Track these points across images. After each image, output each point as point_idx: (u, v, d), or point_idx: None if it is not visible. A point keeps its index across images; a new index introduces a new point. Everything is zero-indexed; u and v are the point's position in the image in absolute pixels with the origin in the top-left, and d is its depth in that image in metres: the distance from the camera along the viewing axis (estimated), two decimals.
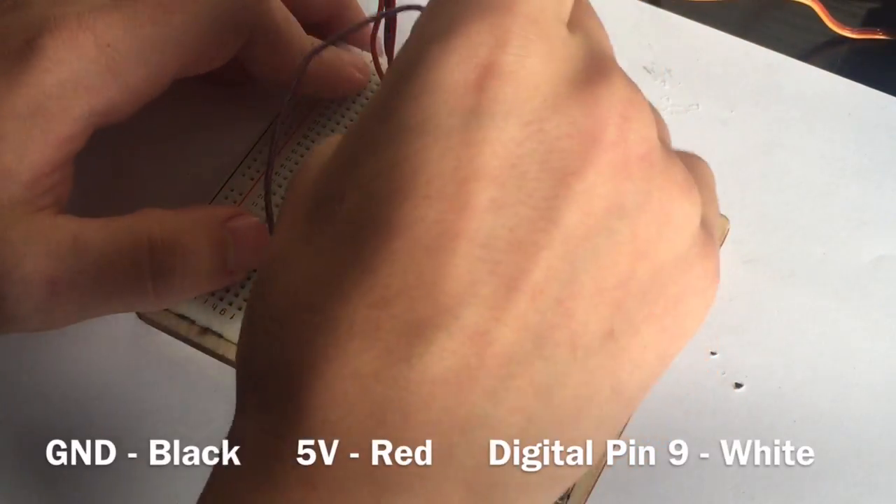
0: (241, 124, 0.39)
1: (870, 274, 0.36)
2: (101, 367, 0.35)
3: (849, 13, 0.42)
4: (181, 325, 0.35)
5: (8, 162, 0.30)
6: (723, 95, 0.40)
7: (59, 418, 0.34)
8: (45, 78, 0.31)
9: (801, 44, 0.42)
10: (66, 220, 0.31)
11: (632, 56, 0.41)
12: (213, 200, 0.36)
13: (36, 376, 0.35)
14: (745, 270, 0.36)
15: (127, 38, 0.31)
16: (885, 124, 0.39)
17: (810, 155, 0.38)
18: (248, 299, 0.25)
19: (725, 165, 0.38)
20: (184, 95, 0.38)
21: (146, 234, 0.31)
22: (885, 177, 0.38)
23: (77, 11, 0.31)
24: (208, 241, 0.32)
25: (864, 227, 0.37)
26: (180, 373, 0.35)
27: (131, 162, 0.38)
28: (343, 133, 0.24)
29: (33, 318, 0.31)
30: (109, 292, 0.31)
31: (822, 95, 0.40)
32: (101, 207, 0.33)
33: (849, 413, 0.34)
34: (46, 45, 0.31)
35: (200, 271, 0.32)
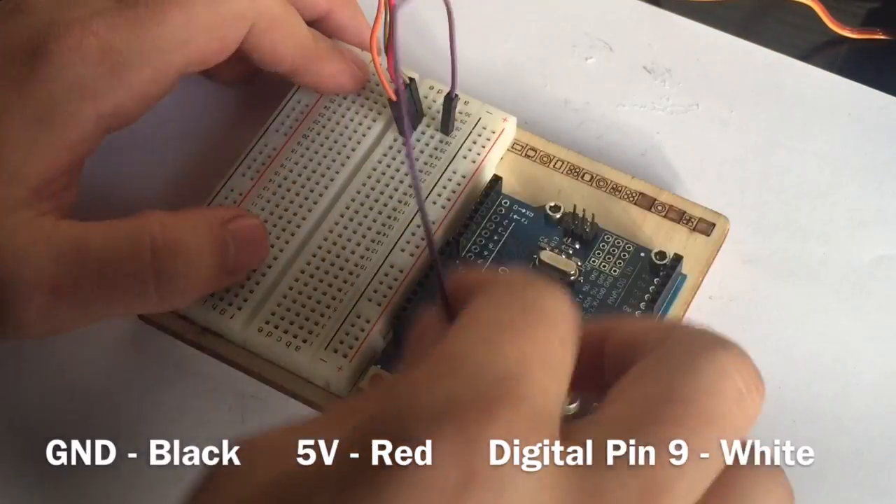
0: (241, 124, 0.39)
1: (870, 274, 0.36)
2: (101, 367, 0.35)
3: (849, 13, 0.42)
4: (181, 325, 0.35)
5: (14, 166, 0.30)
6: (723, 95, 0.40)
7: (59, 418, 0.34)
8: (52, 84, 0.31)
9: (801, 44, 0.42)
10: (68, 225, 0.31)
11: (632, 56, 0.41)
12: (213, 200, 0.36)
13: (36, 376, 0.35)
14: (745, 270, 0.36)
15: (130, 41, 0.31)
16: (885, 124, 0.39)
17: (810, 155, 0.38)
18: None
19: (725, 165, 0.38)
20: (184, 95, 0.38)
21: (148, 236, 0.31)
22: (885, 177, 0.38)
23: (81, 16, 0.31)
24: (210, 242, 0.32)
25: (864, 227, 0.37)
26: (180, 373, 0.35)
27: (131, 162, 0.38)
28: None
29: (35, 323, 0.31)
30: (112, 296, 0.31)
31: (822, 95, 0.40)
32: (101, 208, 0.33)
33: (849, 413, 0.34)
34: (52, 51, 0.31)
35: (202, 273, 0.32)
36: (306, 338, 0.33)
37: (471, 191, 0.36)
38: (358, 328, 0.34)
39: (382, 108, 0.37)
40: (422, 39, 0.40)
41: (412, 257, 0.35)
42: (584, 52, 0.41)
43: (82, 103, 0.31)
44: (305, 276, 0.34)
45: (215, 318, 0.34)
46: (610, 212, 0.36)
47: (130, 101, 0.32)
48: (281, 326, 0.34)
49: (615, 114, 0.39)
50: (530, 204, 0.36)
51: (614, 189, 0.36)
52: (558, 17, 0.42)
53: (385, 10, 0.33)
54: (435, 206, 0.35)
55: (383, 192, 0.36)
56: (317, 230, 0.35)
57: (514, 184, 0.37)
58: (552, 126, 0.39)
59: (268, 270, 0.34)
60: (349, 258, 0.35)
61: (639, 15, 0.42)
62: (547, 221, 0.36)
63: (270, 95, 0.38)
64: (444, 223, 0.35)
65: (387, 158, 0.36)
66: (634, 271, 0.35)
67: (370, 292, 0.34)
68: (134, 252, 0.31)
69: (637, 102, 0.40)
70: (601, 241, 0.35)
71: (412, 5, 0.33)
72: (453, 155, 0.36)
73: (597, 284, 0.35)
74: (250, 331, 0.34)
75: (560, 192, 0.36)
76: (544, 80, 0.40)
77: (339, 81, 0.37)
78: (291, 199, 0.36)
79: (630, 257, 0.35)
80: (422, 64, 0.38)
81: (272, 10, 0.34)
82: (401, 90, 0.27)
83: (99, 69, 0.31)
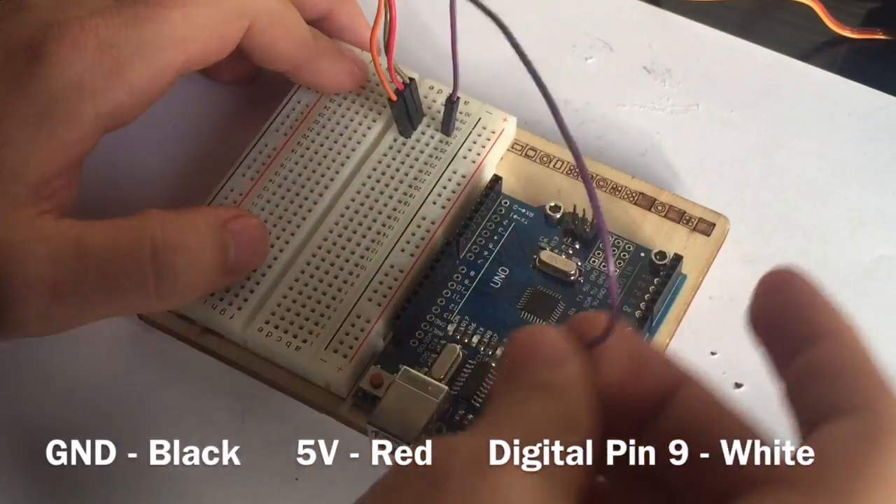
0: (241, 124, 0.39)
1: (870, 274, 0.36)
2: (101, 367, 0.35)
3: (849, 13, 0.42)
4: (181, 325, 0.35)
5: (14, 165, 0.30)
6: (723, 95, 0.40)
7: (59, 418, 0.34)
8: (51, 82, 0.31)
9: (801, 44, 0.42)
10: (68, 224, 0.31)
11: (632, 56, 0.41)
12: (213, 200, 0.36)
13: (36, 376, 0.35)
14: (745, 270, 0.36)
15: (129, 39, 0.31)
16: (885, 124, 0.39)
17: (810, 155, 0.38)
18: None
19: (725, 165, 0.38)
20: (184, 95, 0.38)
21: (148, 235, 0.31)
22: (885, 177, 0.38)
23: (80, 15, 0.31)
24: (210, 241, 0.32)
25: (864, 227, 0.37)
26: (180, 373, 0.35)
27: (131, 162, 0.38)
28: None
29: (35, 323, 0.31)
30: (112, 295, 0.31)
31: (822, 95, 0.40)
32: (101, 208, 0.33)
33: None
34: (51, 50, 0.31)
35: (202, 272, 0.32)
36: (306, 338, 0.33)
37: (471, 191, 0.36)
38: (358, 328, 0.34)
39: (382, 108, 0.37)
40: (422, 39, 0.40)
41: (412, 257, 0.35)
42: (584, 52, 0.41)
43: (81, 102, 0.31)
44: (305, 276, 0.34)
45: (215, 318, 0.34)
46: (610, 212, 0.36)
47: (129, 100, 0.32)
48: (281, 326, 0.34)
49: (615, 114, 0.39)
50: (530, 204, 0.36)
51: (614, 189, 0.36)
52: (558, 17, 0.42)
53: (385, 10, 0.33)
54: (435, 206, 0.35)
55: (383, 192, 0.36)
56: (317, 230, 0.35)
57: (514, 184, 0.37)
58: (552, 126, 0.39)
59: (268, 270, 0.34)
60: (349, 258, 0.35)
61: (639, 15, 0.42)
62: (547, 221, 0.36)
63: (270, 95, 0.38)
64: (444, 223, 0.35)
65: (387, 158, 0.36)
66: (634, 271, 0.35)
67: (370, 292, 0.34)
68: (134, 251, 0.31)
69: (637, 102, 0.40)
70: (601, 241, 0.35)
71: (412, 5, 0.33)
72: (453, 155, 0.36)
73: (597, 284, 0.35)
74: (250, 331, 0.34)
75: (560, 192, 0.36)
76: (544, 80, 0.40)
77: (339, 80, 0.37)
78: (291, 199, 0.36)
79: (630, 257, 0.35)
80: (422, 64, 0.38)
81: (271, 7, 0.34)
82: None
83: (98, 67, 0.31)
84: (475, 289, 0.35)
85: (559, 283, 0.35)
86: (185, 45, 0.32)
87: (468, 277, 0.35)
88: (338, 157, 0.36)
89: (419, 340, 0.34)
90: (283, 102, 0.37)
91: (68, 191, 0.32)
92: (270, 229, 0.35)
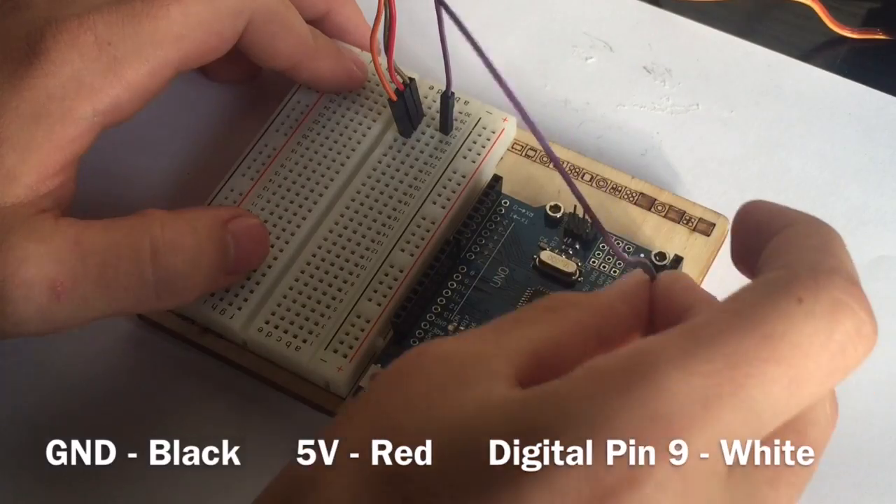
0: (241, 124, 0.39)
1: (870, 274, 0.36)
2: (101, 367, 0.35)
3: (849, 13, 0.42)
4: (181, 325, 0.35)
5: (11, 164, 0.30)
6: (723, 95, 0.40)
7: (59, 418, 0.34)
8: (48, 80, 0.31)
9: (801, 44, 0.42)
10: (68, 223, 0.31)
11: (632, 56, 0.41)
12: (213, 200, 0.36)
13: (36, 376, 0.35)
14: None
15: (126, 36, 0.31)
16: (885, 124, 0.39)
17: (810, 155, 0.38)
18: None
19: (725, 165, 0.38)
20: (184, 95, 0.38)
21: (148, 235, 0.31)
22: (885, 177, 0.38)
23: (77, 12, 0.31)
24: (210, 241, 0.32)
25: (864, 227, 0.37)
26: (180, 373, 0.35)
27: (131, 162, 0.38)
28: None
29: (35, 322, 0.31)
30: (111, 295, 0.31)
31: (822, 95, 0.40)
32: (101, 207, 0.33)
33: (849, 413, 0.34)
34: (49, 48, 0.31)
35: (202, 272, 0.32)
36: (306, 338, 0.33)
37: (471, 191, 0.36)
38: (358, 328, 0.34)
39: (382, 108, 0.37)
40: (422, 39, 0.40)
41: (412, 257, 0.35)
42: (584, 52, 0.41)
43: (79, 99, 0.31)
44: (305, 276, 0.34)
45: (215, 318, 0.34)
46: (610, 212, 0.36)
47: (127, 97, 0.32)
48: (281, 326, 0.34)
49: (615, 114, 0.39)
50: (530, 204, 0.36)
51: (614, 189, 0.36)
52: (558, 17, 0.42)
53: (385, 9, 0.33)
54: (435, 206, 0.35)
55: (383, 191, 0.36)
56: (317, 230, 0.35)
57: (514, 184, 0.37)
58: (552, 126, 0.39)
59: (268, 270, 0.34)
60: (349, 258, 0.35)
61: (639, 15, 0.42)
62: (547, 221, 0.36)
63: (270, 95, 0.38)
64: (444, 223, 0.35)
65: (387, 158, 0.36)
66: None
67: (370, 292, 0.34)
68: (134, 251, 0.31)
69: (637, 102, 0.40)
70: (601, 241, 0.35)
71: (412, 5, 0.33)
72: (453, 155, 0.36)
73: (597, 285, 0.35)
74: (250, 331, 0.34)
75: (560, 192, 0.36)
76: (544, 80, 0.40)
77: (338, 79, 0.37)
78: (291, 199, 0.36)
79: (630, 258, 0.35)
80: (422, 64, 0.38)
81: (270, 5, 0.34)
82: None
83: (95, 65, 0.31)
84: (475, 288, 0.35)
85: (559, 283, 0.35)
86: (182, 42, 0.32)
87: (468, 277, 0.35)
88: (338, 157, 0.36)
89: (419, 340, 0.34)
90: (283, 102, 0.37)
91: (67, 189, 0.32)
92: (270, 229, 0.35)
